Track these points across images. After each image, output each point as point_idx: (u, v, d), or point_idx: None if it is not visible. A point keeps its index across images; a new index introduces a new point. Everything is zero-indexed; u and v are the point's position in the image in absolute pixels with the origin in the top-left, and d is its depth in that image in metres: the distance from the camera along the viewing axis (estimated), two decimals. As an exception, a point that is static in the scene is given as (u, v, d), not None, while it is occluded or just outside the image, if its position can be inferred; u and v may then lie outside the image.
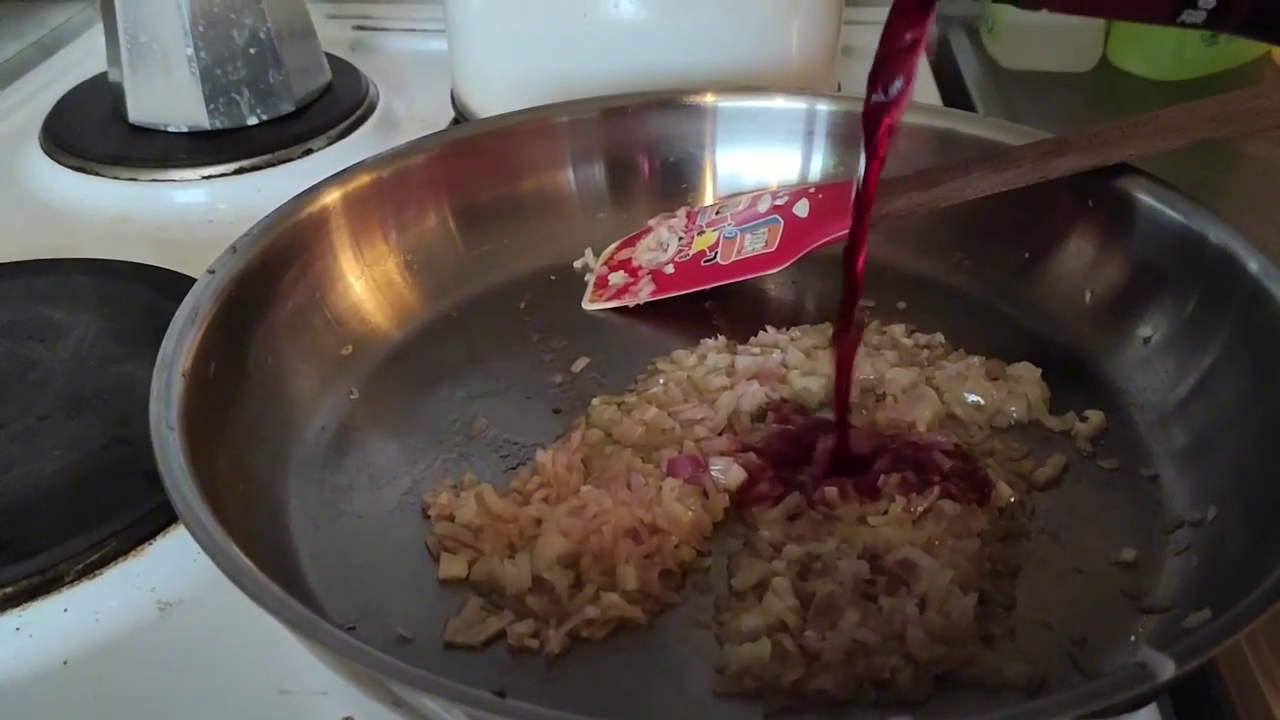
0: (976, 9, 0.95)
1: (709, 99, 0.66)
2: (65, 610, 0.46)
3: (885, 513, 0.46)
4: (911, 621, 0.41)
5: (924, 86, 0.88)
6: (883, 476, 0.47)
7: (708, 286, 0.60)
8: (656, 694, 0.41)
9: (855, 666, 0.40)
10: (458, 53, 0.79)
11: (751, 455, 0.49)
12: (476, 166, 0.63)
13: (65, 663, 0.45)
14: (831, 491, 0.47)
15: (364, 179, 0.58)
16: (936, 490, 0.46)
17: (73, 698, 0.43)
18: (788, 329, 0.58)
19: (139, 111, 0.79)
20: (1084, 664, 0.41)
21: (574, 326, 0.60)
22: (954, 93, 0.91)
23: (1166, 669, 0.32)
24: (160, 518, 0.49)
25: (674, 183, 0.67)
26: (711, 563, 0.46)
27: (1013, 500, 0.47)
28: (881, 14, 0.42)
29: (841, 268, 0.61)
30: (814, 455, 0.49)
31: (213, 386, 0.47)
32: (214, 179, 0.76)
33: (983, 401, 0.52)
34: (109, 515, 0.48)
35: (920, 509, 0.45)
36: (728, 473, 0.48)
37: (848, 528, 0.46)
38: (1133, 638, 0.42)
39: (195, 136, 0.79)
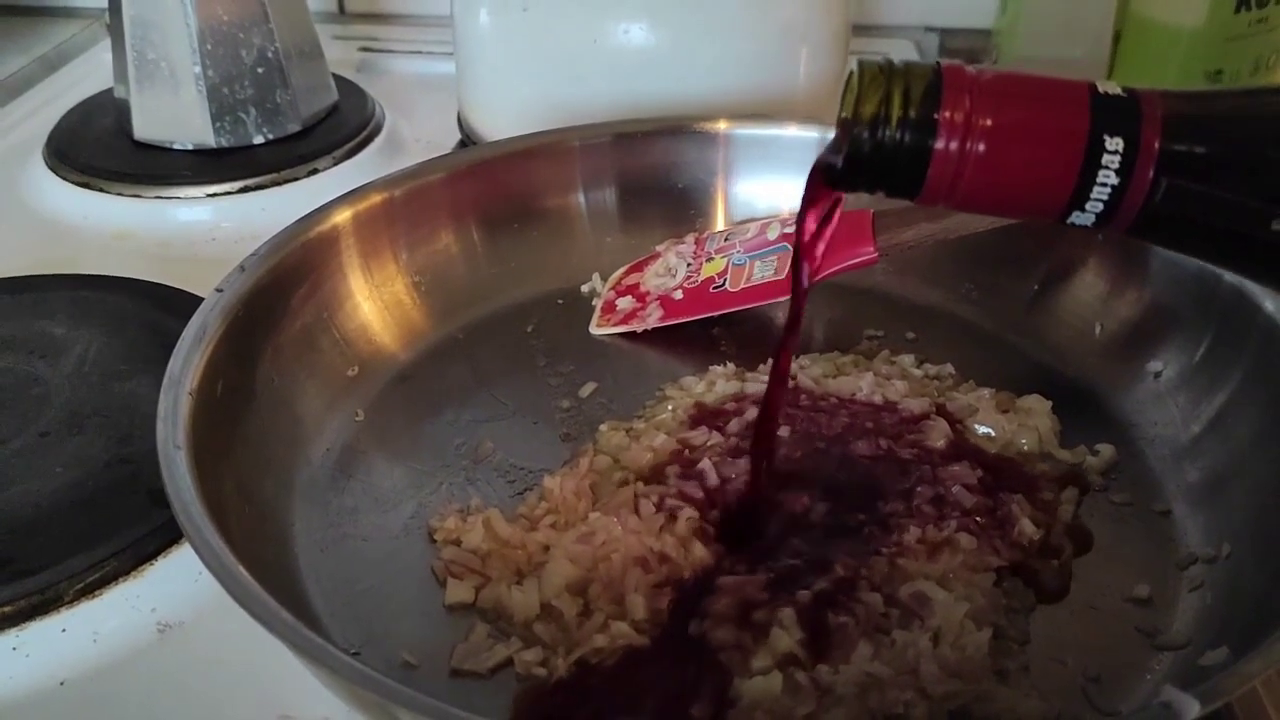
0: (978, 43, 0.96)
1: (721, 126, 0.66)
2: (63, 630, 0.45)
3: (899, 543, 0.45)
4: (925, 656, 0.41)
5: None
6: (891, 501, 0.47)
7: (716, 313, 0.60)
8: (665, 726, 0.40)
9: (868, 701, 0.40)
10: (466, 76, 0.79)
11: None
12: (487, 188, 0.63)
13: (62, 683, 0.44)
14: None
15: (375, 198, 0.58)
16: (954, 523, 0.45)
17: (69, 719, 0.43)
18: (797, 356, 0.58)
19: (145, 128, 0.79)
20: (1099, 701, 0.41)
21: (581, 351, 0.60)
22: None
23: (1191, 709, 0.32)
24: (161, 538, 0.48)
25: (683, 209, 0.67)
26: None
27: (1035, 538, 0.46)
28: (887, 45, 0.42)
29: (848, 297, 0.61)
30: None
31: (219, 406, 0.46)
32: (219, 197, 0.76)
33: (994, 433, 0.52)
34: (109, 535, 0.48)
35: (936, 540, 0.45)
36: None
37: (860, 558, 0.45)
38: (1148, 675, 0.42)
39: (200, 154, 0.78)
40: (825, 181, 0.38)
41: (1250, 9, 0.75)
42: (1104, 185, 0.33)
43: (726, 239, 0.64)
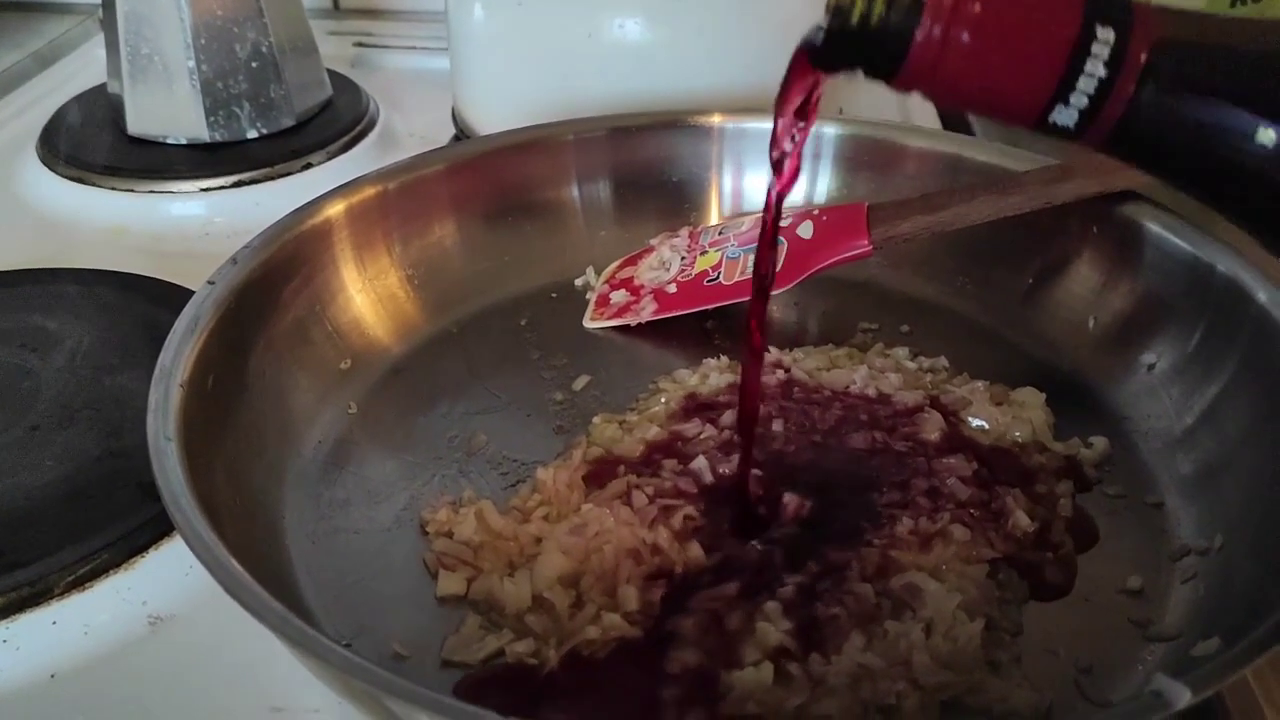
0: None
1: (716, 120, 0.66)
2: (54, 623, 0.45)
3: (891, 534, 0.45)
4: (917, 647, 0.41)
5: (924, 111, 0.88)
6: (885, 493, 0.47)
7: (710, 306, 0.60)
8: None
9: (860, 692, 0.39)
10: (460, 71, 0.79)
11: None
12: (481, 182, 0.63)
13: (52, 676, 0.44)
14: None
15: (369, 191, 0.58)
16: (947, 514, 0.45)
17: (60, 712, 0.43)
18: (790, 350, 0.58)
19: (138, 123, 0.79)
20: (1091, 692, 0.41)
21: (575, 344, 0.60)
22: (952, 116, 0.91)
23: (1182, 697, 0.32)
24: (153, 530, 0.48)
25: (678, 203, 0.67)
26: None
27: (1030, 530, 0.46)
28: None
29: (843, 290, 0.62)
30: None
31: (211, 398, 0.46)
32: (212, 191, 0.76)
33: (988, 426, 0.52)
34: (100, 527, 0.48)
35: (928, 532, 0.45)
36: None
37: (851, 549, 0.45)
38: (1140, 666, 0.42)
39: (194, 149, 0.78)
40: (809, 61, 0.37)
41: (1245, 3, 0.75)
42: (1091, 76, 0.32)
43: (720, 233, 0.63)
